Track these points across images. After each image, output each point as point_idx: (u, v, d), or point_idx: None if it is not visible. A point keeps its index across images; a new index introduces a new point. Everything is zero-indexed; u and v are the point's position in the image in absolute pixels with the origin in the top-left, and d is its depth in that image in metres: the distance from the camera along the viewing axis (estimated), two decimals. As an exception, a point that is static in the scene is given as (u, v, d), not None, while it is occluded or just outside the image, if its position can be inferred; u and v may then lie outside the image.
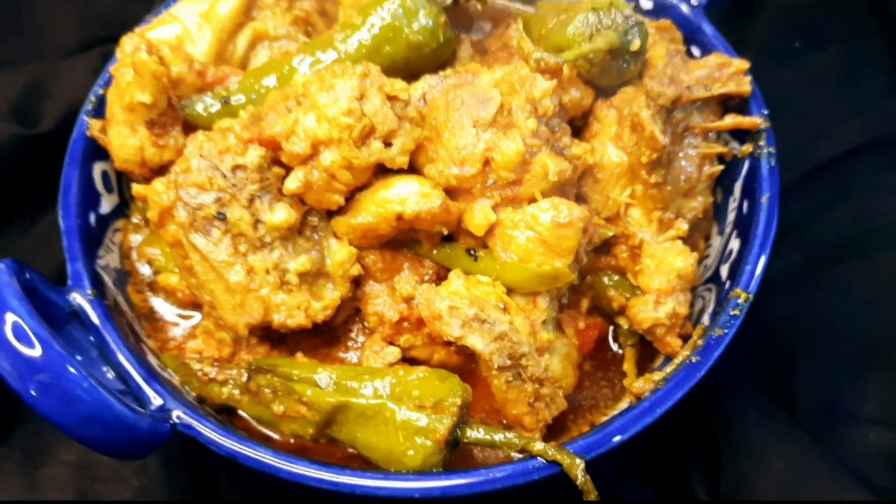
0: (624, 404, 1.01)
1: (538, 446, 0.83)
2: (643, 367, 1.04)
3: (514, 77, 0.94)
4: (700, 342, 0.91)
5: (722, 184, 1.09)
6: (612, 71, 0.98)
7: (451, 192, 0.95)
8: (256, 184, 0.90)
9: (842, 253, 1.27)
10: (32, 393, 0.79)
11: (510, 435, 0.85)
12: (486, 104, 0.92)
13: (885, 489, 1.02)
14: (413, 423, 0.84)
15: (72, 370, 0.79)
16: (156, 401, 0.88)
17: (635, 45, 0.96)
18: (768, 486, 0.96)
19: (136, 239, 1.10)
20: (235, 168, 0.89)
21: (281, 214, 0.90)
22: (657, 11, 1.21)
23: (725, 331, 0.91)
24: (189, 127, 1.05)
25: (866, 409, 1.13)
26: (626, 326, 1.05)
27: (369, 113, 0.89)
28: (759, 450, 0.98)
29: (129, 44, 1.04)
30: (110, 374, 0.92)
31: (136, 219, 1.12)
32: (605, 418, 1.00)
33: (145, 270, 1.08)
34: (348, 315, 1.01)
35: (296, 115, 0.90)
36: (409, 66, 1.05)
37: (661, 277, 0.96)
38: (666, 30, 1.14)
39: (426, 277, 1.00)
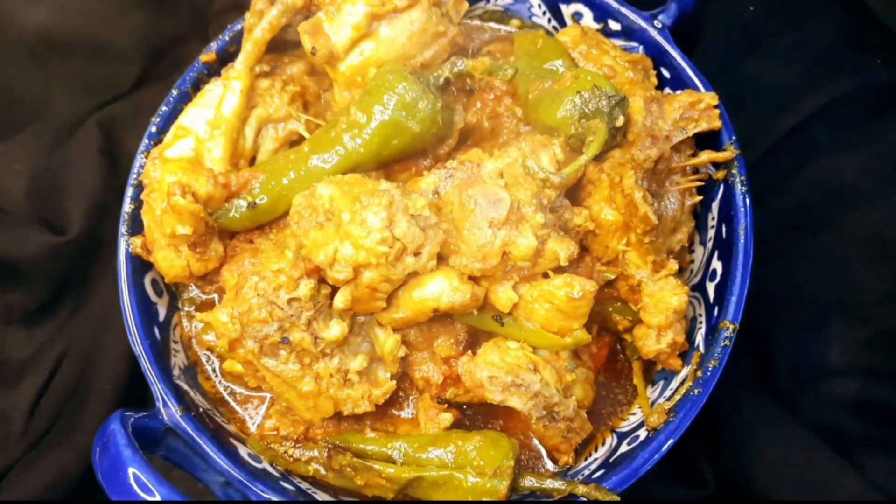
0: (636, 409, 1.20)
1: (581, 489, 1.04)
2: (649, 370, 1.23)
3: (517, 171, 1.05)
4: (699, 373, 1.09)
5: (701, 201, 1.23)
6: (601, 144, 1.09)
7: (474, 277, 1.08)
8: (311, 310, 1.03)
9: (807, 219, 1.42)
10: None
11: (558, 483, 1.05)
12: (498, 206, 1.04)
13: (859, 437, 1.25)
14: (479, 487, 1.03)
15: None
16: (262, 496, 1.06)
17: (620, 121, 1.07)
18: (761, 463, 1.18)
19: (191, 327, 1.24)
20: (291, 300, 1.02)
21: (335, 331, 1.04)
22: (625, 33, 1.29)
23: (719, 361, 1.09)
24: (224, 232, 1.16)
25: (829, 359, 1.33)
26: (630, 341, 1.23)
27: (400, 236, 1.00)
28: (751, 434, 1.20)
29: (154, 170, 1.12)
30: (213, 474, 1.09)
31: (186, 308, 1.24)
32: (623, 423, 1.20)
33: (208, 357, 1.22)
34: (397, 379, 1.17)
35: (334, 246, 1.01)
36: (415, 149, 1.15)
37: (660, 315, 1.13)
38: (638, 63, 1.23)
39: (460, 338, 1.15)
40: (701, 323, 1.18)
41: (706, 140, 1.20)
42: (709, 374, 1.08)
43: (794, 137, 1.46)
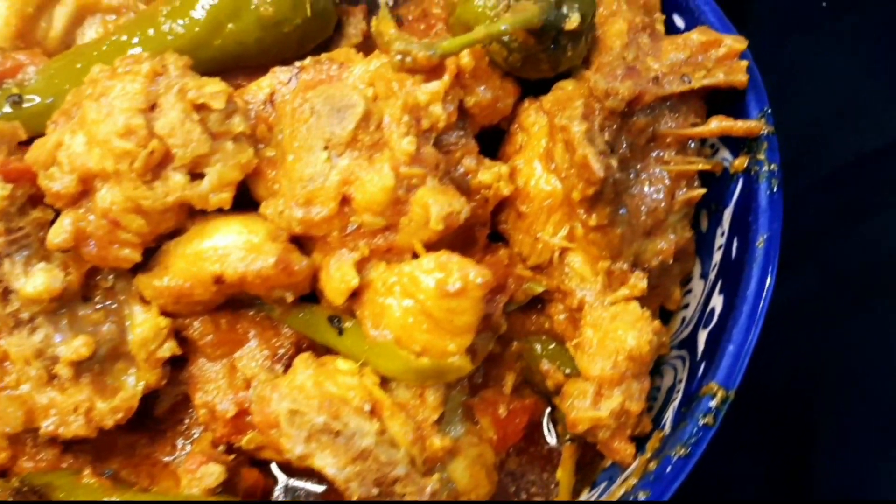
0: (561, 521, 0.73)
1: None
2: (588, 472, 0.75)
3: (390, 72, 0.64)
4: (652, 466, 0.62)
5: (708, 207, 0.79)
6: (540, 59, 0.67)
7: (303, 240, 0.66)
8: (1, 236, 0.61)
9: (872, 280, 0.99)
10: None
11: None
12: (343, 115, 0.62)
13: None
14: None
15: None
16: None
17: (573, 21, 0.65)
18: None
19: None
20: (-34, 212, 0.61)
21: (38, 281, 0.61)
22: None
23: (689, 450, 0.61)
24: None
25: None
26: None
27: (162, 132, 0.59)
28: None
29: None
30: None
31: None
32: (534, 541, 0.72)
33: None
34: (175, 401, 0.73)
35: (59, 135, 0.61)
36: (267, 52, 0.74)
37: (606, 360, 0.67)
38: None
39: (281, 351, 0.71)
40: (678, 391, 0.71)
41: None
42: (668, 469, 0.61)
43: (855, 170, 1.02)
